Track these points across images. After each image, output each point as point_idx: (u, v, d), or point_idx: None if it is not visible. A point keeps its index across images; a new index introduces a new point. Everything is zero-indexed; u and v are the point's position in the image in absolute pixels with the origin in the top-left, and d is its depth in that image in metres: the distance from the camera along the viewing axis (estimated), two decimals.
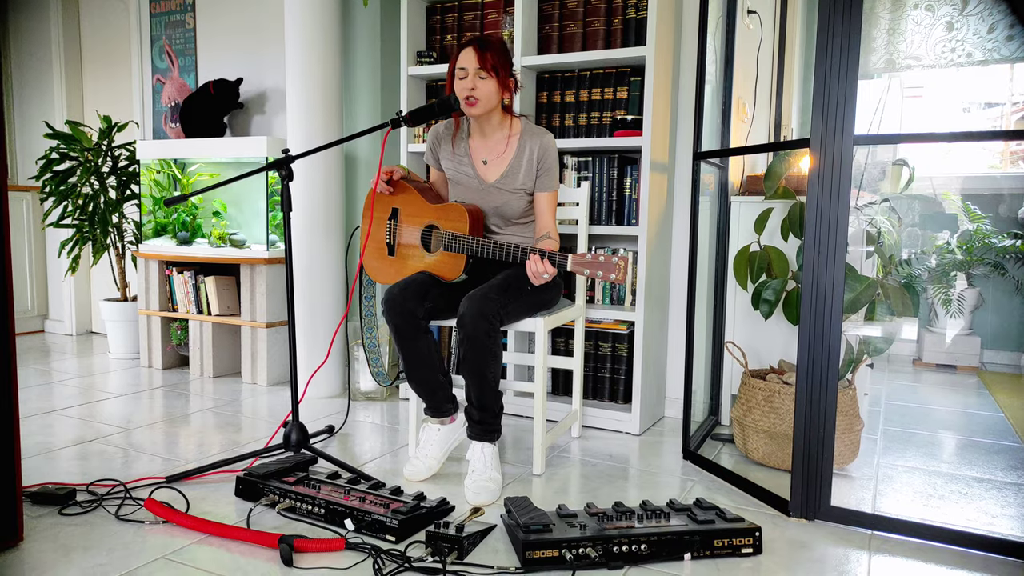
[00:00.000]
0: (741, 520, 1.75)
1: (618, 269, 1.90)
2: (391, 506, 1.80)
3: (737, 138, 2.78)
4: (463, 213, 2.17)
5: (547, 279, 1.99)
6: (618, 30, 2.71)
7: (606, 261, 1.91)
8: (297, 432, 2.19)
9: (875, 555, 1.73)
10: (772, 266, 2.43)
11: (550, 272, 1.98)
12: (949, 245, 3.90)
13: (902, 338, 4.02)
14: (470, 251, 2.12)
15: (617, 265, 1.90)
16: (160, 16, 3.99)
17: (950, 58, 3.52)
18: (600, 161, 2.76)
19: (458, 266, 2.16)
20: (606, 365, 2.79)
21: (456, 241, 2.14)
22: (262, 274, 3.32)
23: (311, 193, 3.06)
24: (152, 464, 2.27)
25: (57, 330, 4.65)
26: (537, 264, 1.98)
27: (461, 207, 2.18)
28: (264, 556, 1.66)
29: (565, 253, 1.98)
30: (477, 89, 2.11)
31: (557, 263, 1.98)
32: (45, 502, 1.92)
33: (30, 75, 4.55)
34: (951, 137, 1.95)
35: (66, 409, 2.88)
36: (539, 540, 1.61)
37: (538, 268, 1.98)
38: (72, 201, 3.73)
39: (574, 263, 1.96)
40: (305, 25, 3.01)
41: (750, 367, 2.58)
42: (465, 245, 2.13)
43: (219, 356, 3.53)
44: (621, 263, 1.90)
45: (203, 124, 3.58)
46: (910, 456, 2.48)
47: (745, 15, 2.81)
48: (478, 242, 2.10)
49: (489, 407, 2.10)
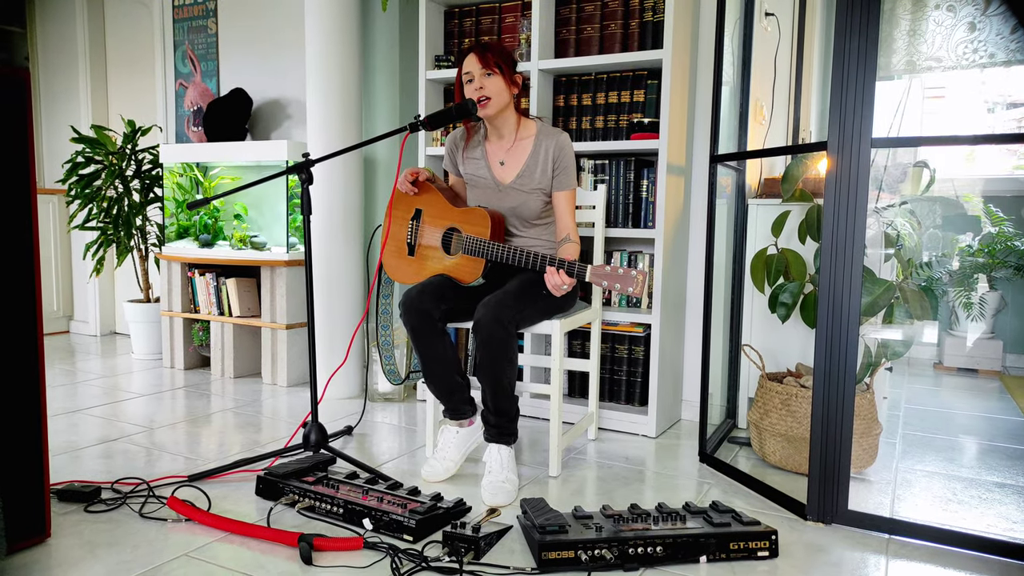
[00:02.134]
0: (757, 523, 1.75)
1: (636, 283, 1.91)
2: (409, 506, 1.82)
3: (755, 140, 2.78)
4: (485, 218, 2.19)
5: (566, 291, 2.01)
6: (635, 33, 2.71)
7: (624, 274, 1.92)
8: (316, 432, 2.22)
9: (893, 560, 1.72)
10: (789, 269, 2.42)
11: (569, 284, 1.99)
12: (971, 248, 3.86)
13: (922, 342, 3.98)
14: (490, 256, 2.14)
15: (635, 279, 1.91)
16: (183, 22, 4.06)
17: (972, 59, 3.49)
18: (617, 164, 2.76)
19: (476, 270, 2.18)
20: (622, 367, 2.79)
21: (476, 245, 2.16)
22: (282, 276, 3.36)
23: (330, 196, 3.10)
24: (174, 463, 2.31)
25: (82, 331, 4.73)
26: (555, 277, 1.99)
27: (484, 211, 2.21)
28: (284, 554, 1.69)
29: (584, 264, 1.99)
30: (486, 88, 2.15)
31: (576, 274, 1.99)
32: (71, 499, 1.96)
33: (57, 80, 4.64)
34: (971, 140, 1.94)
35: (91, 408, 2.93)
36: (555, 541, 1.62)
37: (557, 281, 1.99)
38: (97, 204, 3.79)
39: (592, 275, 1.97)
40: (325, 30, 3.05)
41: (767, 370, 2.57)
42: (485, 250, 2.14)
43: (240, 357, 3.57)
44: (639, 277, 1.91)
45: (225, 128, 3.63)
46: (929, 460, 2.46)
47: (763, 17, 2.80)
48: (498, 248, 2.12)
49: (505, 411, 2.11)
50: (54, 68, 4.64)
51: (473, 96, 2.16)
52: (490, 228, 2.17)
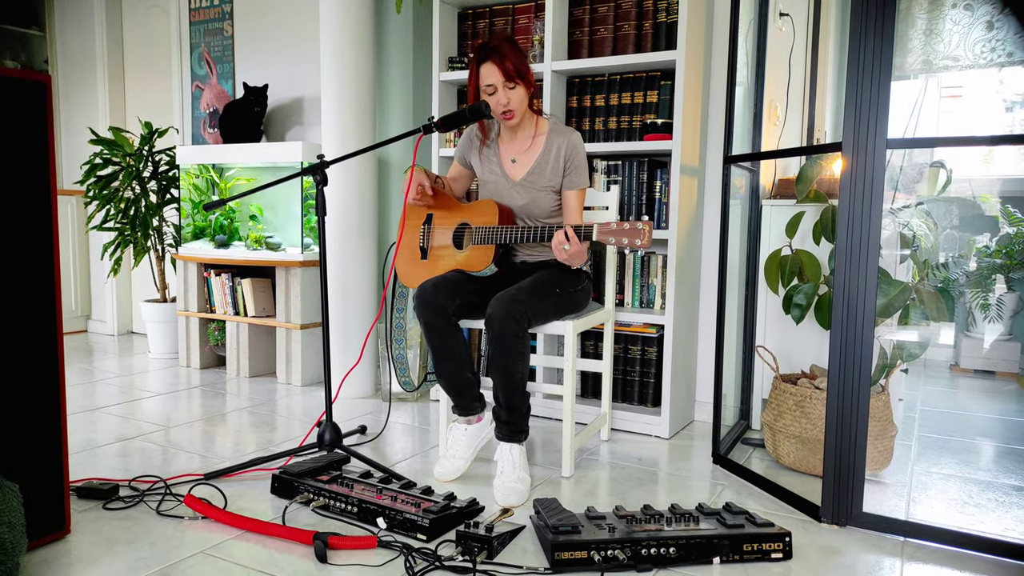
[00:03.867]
0: (771, 525, 1.75)
1: (643, 234, 1.92)
2: (422, 505, 1.83)
3: (769, 141, 2.77)
4: (493, 206, 2.23)
5: (567, 250, 2.00)
6: (648, 34, 2.71)
7: (631, 228, 1.93)
8: (330, 432, 2.24)
9: (908, 562, 1.71)
10: (804, 270, 2.41)
11: (573, 242, 1.99)
12: (988, 249, 3.82)
13: (938, 343, 3.95)
14: (499, 240, 2.17)
15: (642, 231, 1.92)
16: (199, 24, 4.09)
17: (990, 58, 3.45)
18: (630, 165, 2.76)
19: (487, 257, 2.21)
20: (635, 368, 2.79)
21: (486, 233, 2.20)
22: (297, 276, 3.39)
23: (345, 197, 3.12)
24: (191, 461, 2.33)
25: (99, 330, 4.79)
26: (559, 235, 2.00)
27: (491, 201, 2.25)
28: (299, 552, 1.70)
29: (590, 224, 2.00)
30: (511, 101, 2.17)
31: (584, 235, 2.00)
32: (90, 496, 1.99)
33: (75, 83, 4.70)
34: (988, 140, 1.92)
35: (108, 407, 2.96)
36: (568, 541, 1.62)
37: (561, 238, 2.00)
38: (114, 205, 3.84)
39: (600, 232, 1.98)
40: (339, 33, 3.07)
41: (781, 371, 2.56)
42: (494, 235, 2.18)
43: (255, 356, 3.60)
44: (645, 228, 1.92)
45: (241, 129, 3.66)
46: (945, 463, 2.44)
47: (777, 17, 2.79)
48: (506, 230, 2.16)
49: (517, 408, 2.12)
50: (73, 71, 4.70)
51: (498, 110, 2.18)
52: (498, 214, 2.21)
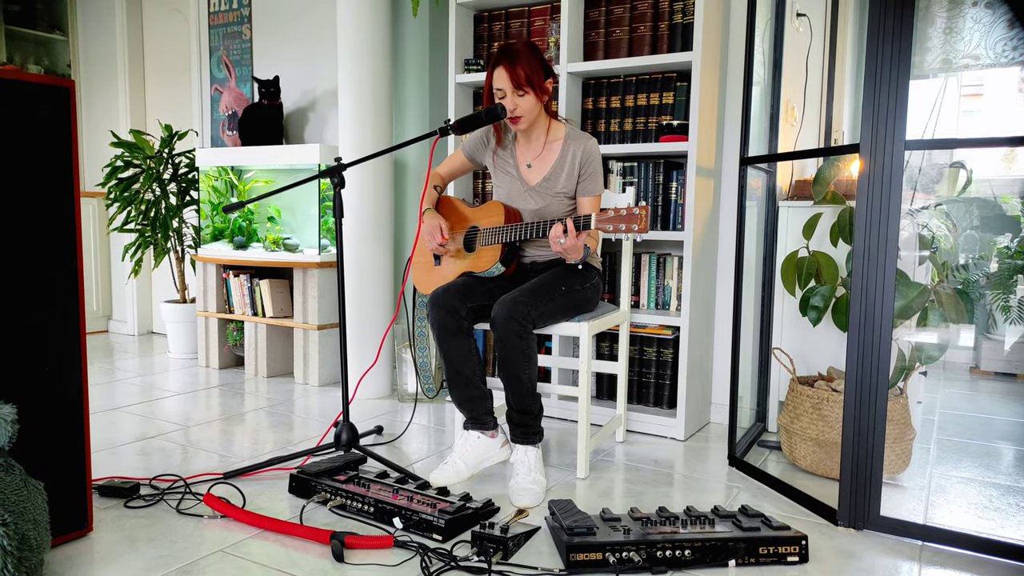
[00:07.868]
0: (787, 528, 1.74)
1: (640, 219, 1.92)
2: (438, 506, 1.84)
3: (786, 142, 2.75)
4: (499, 207, 2.26)
5: (562, 243, 2.01)
6: (664, 35, 2.71)
7: (628, 214, 1.93)
8: (347, 432, 2.26)
9: (926, 567, 1.70)
10: (821, 272, 2.40)
11: (571, 234, 2.00)
12: (1009, 249, 3.77)
13: (958, 345, 3.90)
14: (504, 239, 2.20)
15: (640, 216, 1.92)
16: (218, 28, 4.14)
17: (1012, 56, 3.41)
18: (646, 166, 2.76)
19: (493, 256, 2.24)
20: (651, 370, 2.79)
21: (493, 234, 2.24)
22: (314, 278, 3.42)
23: (362, 199, 3.14)
24: (210, 460, 2.36)
25: (120, 330, 4.85)
26: (557, 228, 2.02)
27: (497, 203, 2.28)
28: (316, 551, 1.72)
29: (588, 215, 2.01)
30: (519, 108, 2.17)
31: (582, 225, 2.01)
32: (111, 495, 2.02)
33: (97, 86, 4.77)
34: (1008, 142, 1.90)
35: (129, 406, 3.01)
36: (583, 543, 1.63)
37: (559, 231, 2.02)
38: (135, 207, 3.89)
39: (598, 221, 1.99)
40: (356, 36, 3.09)
41: (798, 374, 2.55)
42: (500, 234, 2.21)
43: (273, 357, 3.64)
44: (642, 212, 1.92)
45: (261, 132, 3.69)
46: (965, 466, 2.42)
47: (794, 18, 2.78)
48: (510, 228, 2.18)
49: (528, 409, 2.12)
50: (94, 74, 4.77)
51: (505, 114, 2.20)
52: (504, 214, 2.24)
